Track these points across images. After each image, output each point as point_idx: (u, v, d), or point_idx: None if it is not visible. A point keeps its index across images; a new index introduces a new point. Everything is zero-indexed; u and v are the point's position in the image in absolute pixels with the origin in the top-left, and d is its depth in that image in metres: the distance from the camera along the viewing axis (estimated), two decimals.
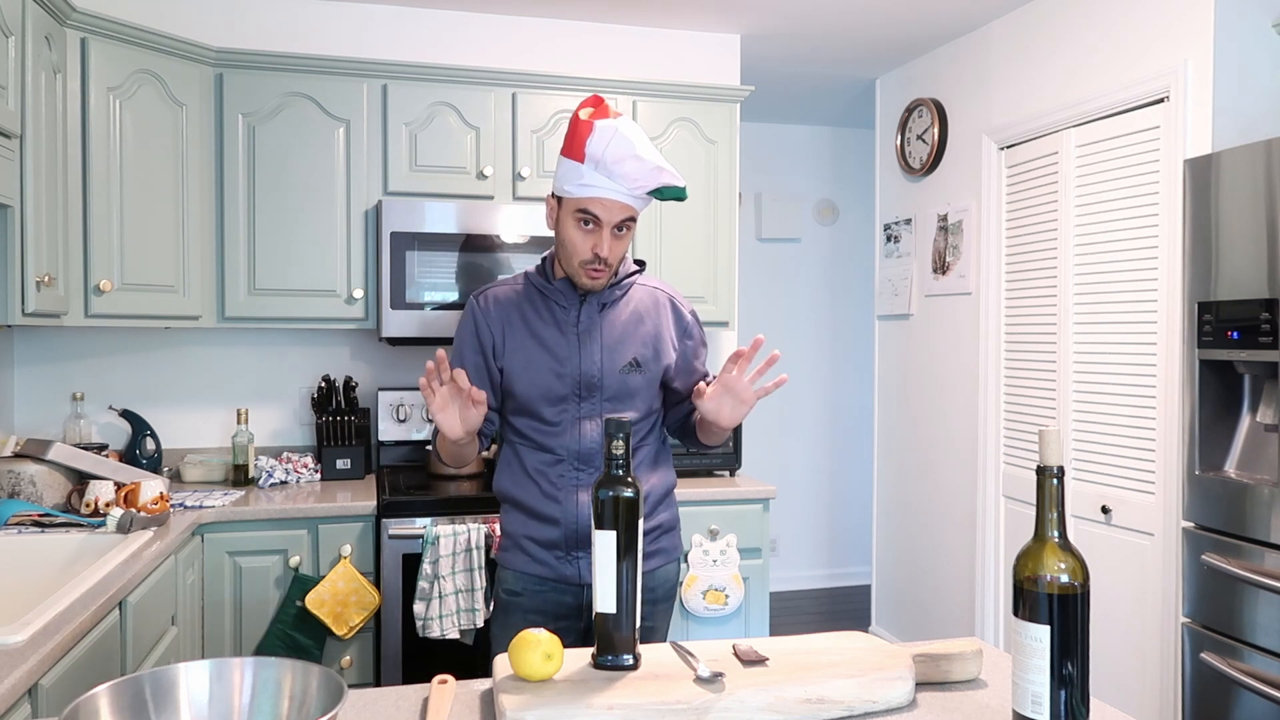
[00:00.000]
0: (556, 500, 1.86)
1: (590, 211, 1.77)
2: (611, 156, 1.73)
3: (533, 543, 1.88)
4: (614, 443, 1.36)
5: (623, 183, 1.75)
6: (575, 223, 1.79)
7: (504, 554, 1.94)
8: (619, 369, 1.87)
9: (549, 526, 1.87)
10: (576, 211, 1.79)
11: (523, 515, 1.90)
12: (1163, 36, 2.84)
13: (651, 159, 1.75)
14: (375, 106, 3.06)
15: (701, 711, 1.19)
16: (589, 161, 1.74)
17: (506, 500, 1.94)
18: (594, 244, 1.79)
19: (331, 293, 3.03)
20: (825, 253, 5.36)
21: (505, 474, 1.93)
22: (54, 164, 2.46)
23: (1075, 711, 1.10)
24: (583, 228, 1.79)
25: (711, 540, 2.98)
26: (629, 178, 1.75)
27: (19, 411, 3.09)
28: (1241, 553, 2.31)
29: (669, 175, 1.78)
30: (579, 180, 1.76)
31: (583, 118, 1.76)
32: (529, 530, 1.89)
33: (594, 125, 1.74)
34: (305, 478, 3.07)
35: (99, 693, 1.04)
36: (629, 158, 1.73)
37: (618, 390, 1.87)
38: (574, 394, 1.85)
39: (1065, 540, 1.12)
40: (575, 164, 1.76)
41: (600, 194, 1.76)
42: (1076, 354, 3.17)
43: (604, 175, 1.75)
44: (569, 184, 1.78)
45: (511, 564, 1.91)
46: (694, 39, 3.71)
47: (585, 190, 1.76)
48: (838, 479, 5.40)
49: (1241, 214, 2.34)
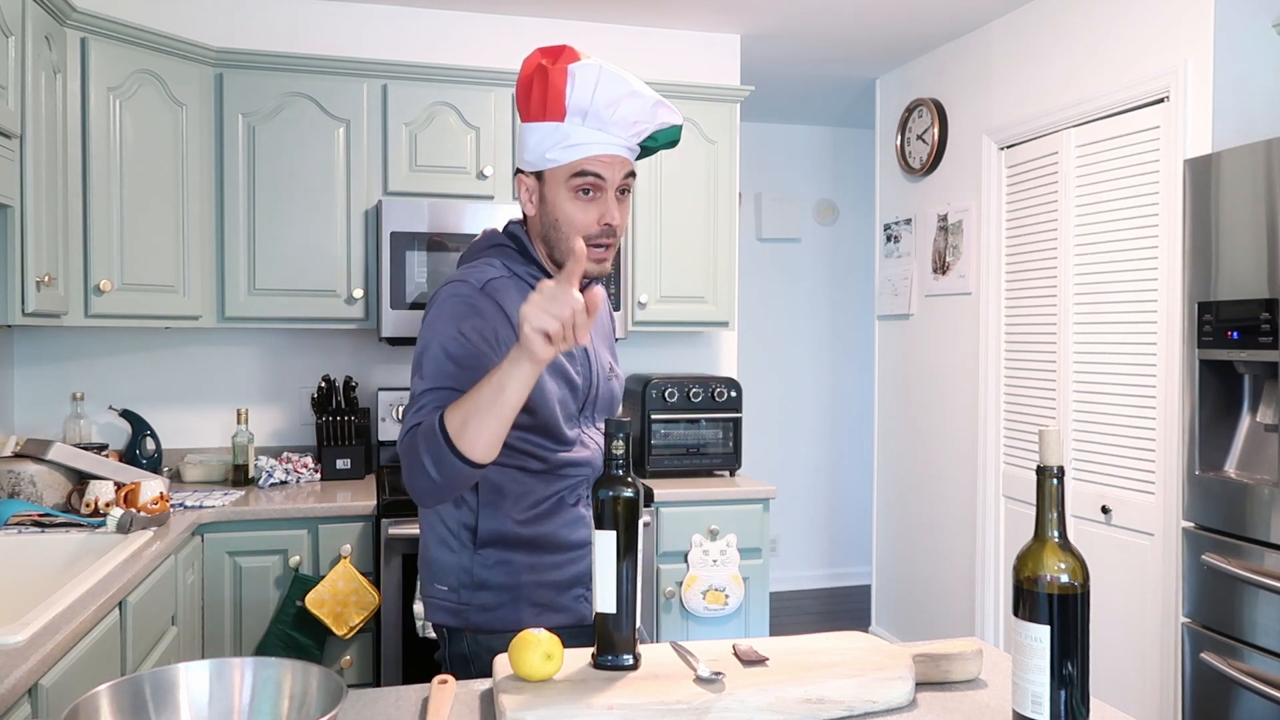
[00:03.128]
0: (584, 526, 1.56)
1: (590, 172, 1.45)
2: (604, 99, 1.43)
3: (547, 589, 1.53)
4: (614, 443, 1.36)
5: (619, 130, 1.45)
6: (571, 194, 1.46)
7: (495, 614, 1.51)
8: (605, 376, 1.62)
9: (574, 561, 1.55)
10: (571, 179, 1.46)
11: (528, 561, 1.52)
12: (1163, 37, 2.84)
13: (647, 93, 1.46)
14: (375, 106, 3.06)
15: (701, 711, 1.19)
16: (573, 116, 1.44)
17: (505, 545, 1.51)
18: (600, 213, 1.47)
19: (331, 293, 3.03)
20: (825, 253, 5.36)
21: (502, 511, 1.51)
22: (54, 164, 2.46)
23: (1075, 711, 1.10)
24: (582, 197, 1.46)
25: (711, 540, 2.98)
26: (627, 121, 1.45)
27: (19, 411, 3.09)
28: (1241, 553, 2.31)
29: (668, 110, 1.49)
30: (564, 143, 1.44)
31: (547, 66, 1.44)
32: (543, 575, 1.53)
33: (570, 71, 1.42)
34: (305, 478, 3.07)
35: (99, 693, 1.04)
36: (625, 96, 1.44)
37: (606, 401, 1.63)
38: (575, 405, 1.56)
39: (1065, 540, 1.12)
40: (553, 125, 1.45)
41: (597, 150, 1.45)
42: (1076, 354, 3.17)
43: (594, 128, 1.44)
44: (552, 150, 1.45)
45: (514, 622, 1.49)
46: (694, 39, 3.71)
47: (576, 151, 1.44)
48: (838, 479, 5.40)
49: (1241, 214, 2.34)
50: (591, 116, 1.44)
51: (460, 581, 1.52)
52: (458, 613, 1.52)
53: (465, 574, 1.51)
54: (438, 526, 1.55)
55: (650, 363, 3.67)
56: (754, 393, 5.17)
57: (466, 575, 1.51)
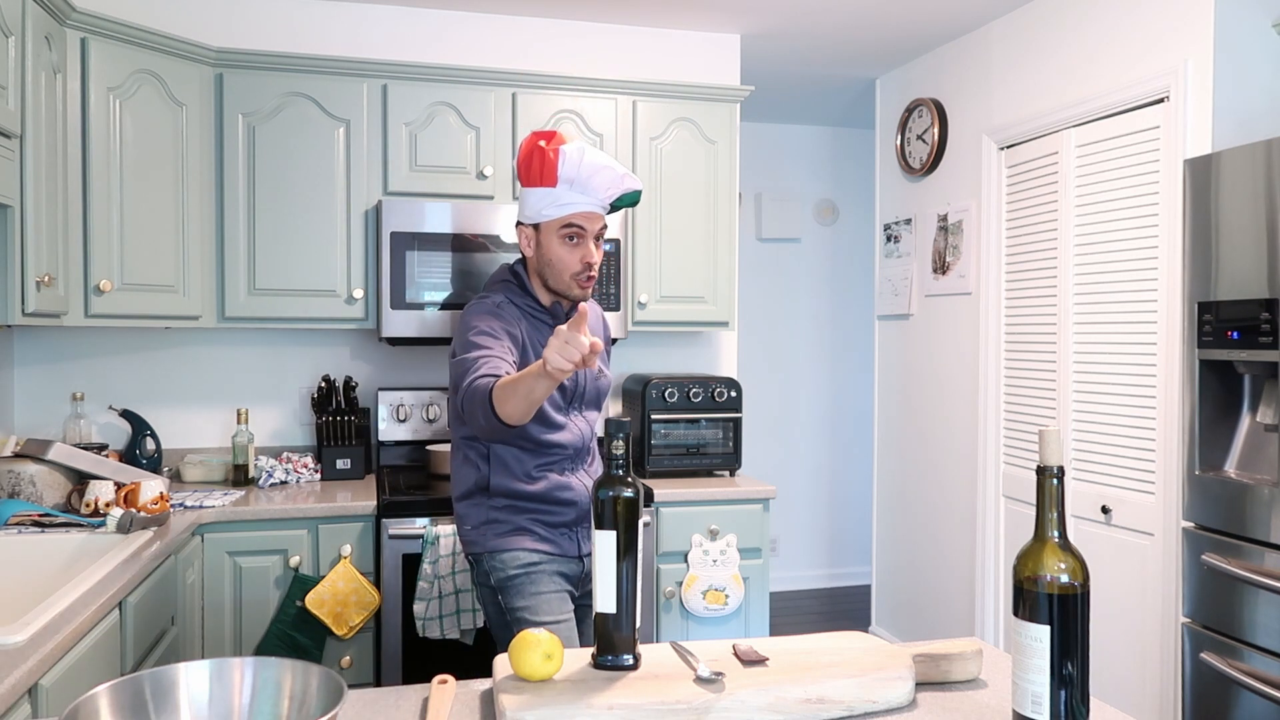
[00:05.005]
0: (570, 489, 2.03)
1: (575, 224, 1.96)
2: (586, 172, 1.93)
3: (542, 525, 2.02)
4: (614, 443, 1.37)
5: (596, 194, 1.96)
6: (561, 240, 1.97)
7: (502, 539, 2.00)
8: (594, 376, 2.11)
9: (563, 512, 2.03)
10: (561, 230, 1.97)
11: (531, 507, 2.02)
12: (1163, 36, 2.84)
13: (617, 167, 1.98)
14: (375, 106, 3.06)
15: (701, 711, 1.19)
16: (563, 184, 1.94)
17: (511, 496, 2.01)
18: (583, 255, 1.98)
19: (331, 293, 3.03)
20: (825, 253, 5.36)
21: (506, 474, 2.02)
22: (54, 164, 2.46)
23: (1075, 711, 1.10)
24: (569, 243, 1.97)
25: (711, 540, 2.98)
26: (602, 188, 1.96)
27: (19, 411, 3.09)
28: (1241, 553, 2.31)
29: (632, 179, 2.02)
30: (556, 203, 1.96)
31: (544, 148, 1.96)
32: (538, 517, 2.02)
33: (561, 151, 1.93)
34: (305, 478, 3.07)
35: (99, 693, 1.04)
36: (602, 168, 1.95)
37: (591, 396, 2.11)
38: (564, 399, 2.05)
39: (1065, 540, 1.13)
40: (547, 190, 1.96)
41: (580, 209, 1.96)
42: (1076, 354, 3.17)
43: (579, 192, 1.95)
44: (547, 209, 1.97)
45: (517, 544, 2.00)
46: (694, 39, 3.71)
47: (565, 209, 1.96)
48: (838, 479, 5.40)
49: (1241, 214, 2.34)
50: (577, 184, 1.94)
51: (480, 520, 2.03)
52: (478, 542, 2.03)
53: (482, 516, 2.03)
54: (465, 484, 2.06)
55: (650, 363, 3.67)
56: (754, 393, 5.17)
57: (483, 516, 2.03)
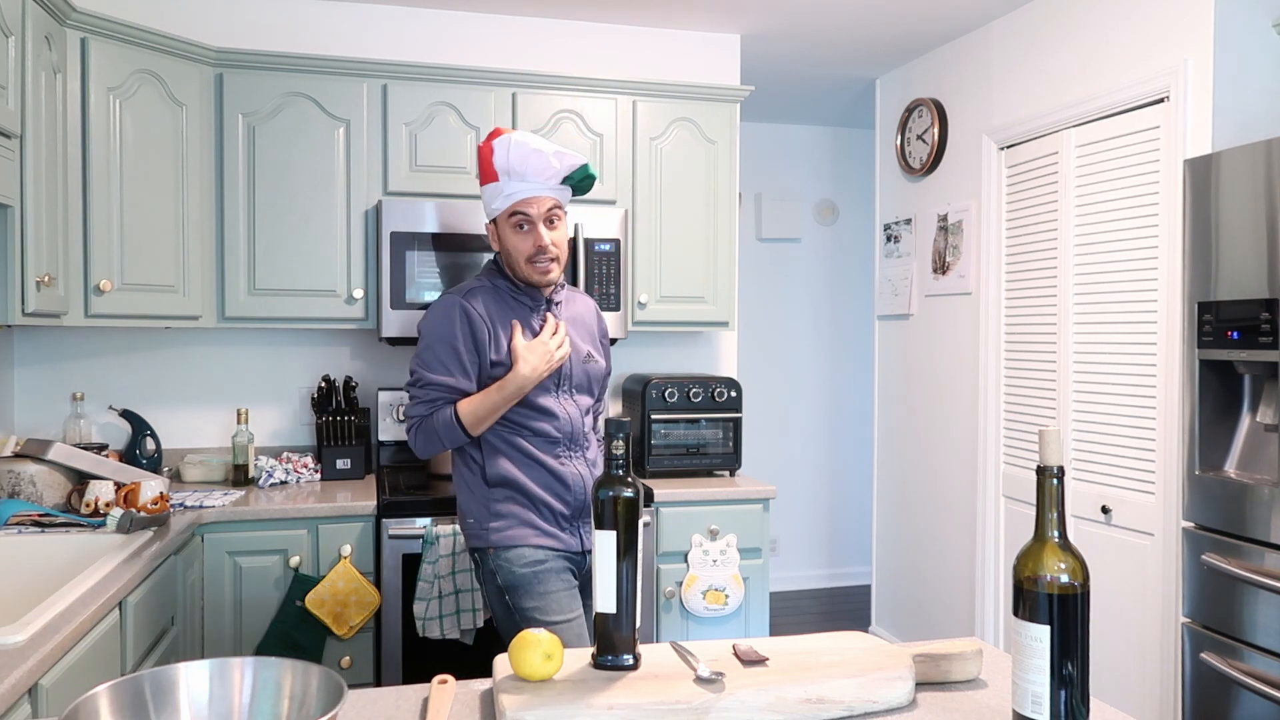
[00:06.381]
0: (563, 477, 2.06)
1: (520, 211, 2.03)
2: (516, 158, 2.00)
3: (541, 518, 2.05)
4: (614, 443, 1.36)
5: (536, 178, 2.01)
6: (513, 229, 2.04)
7: (505, 535, 2.03)
8: (582, 359, 2.14)
9: (558, 501, 2.06)
10: (509, 219, 2.04)
11: (527, 497, 2.05)
12: (1163, 37, 2.84)
13: (547, 148, 2.02)
14: (375, 106, 3.06)
15: (701, 711, 1.19)
16: (502, 176, 2.02)
17: (509, 485, 2.05)
18: (534, 239, 2.03)
19: (331, 293, 3.03)
20: (825, 253, 5.36)
21: (502, 461, 2.05)
22: (54, 164, 2.46)
23: (1075, 711, 1.10)
24: (519, 231, 2.03)
25: (711, 540, 2.98)
26: (536, 171, 2.01)
27: (19, 411, 3.09)
28: (1241, 553, 2.31)
29: (570, 156, 2.05)
30: (501, 194, 2.03)
31: (481, 146, 2.05)
32: (536, 509, 2.05)
33: (491, 145, 2.02)
34: (305, 478, 3.07)
35: (99, 693, 1.04)
36: (530, 154, 2.00)
37: (581, 379, 2.14)
38: (552, 381, 2.08)
39: (1065, 540, 1.13)
40: (493, 185, 2.04)
41: (522, 194, 2.02)
42: (1076, 354, 3.17)
43: (518, 180, 2.01)
44: (495, 201, 2.05)
45: (521, 540, 2.03)
46: (694, 39, 3.71)
47: (509, 200, 2.03)
48: (838, 479, 5.40)
49: (1241, 214, 2.34)
50: (514, 173, 2.02)
51: (481, 514, 2.07)
52: (481, 536, 2.06)
53: (483, 509, 2.06)
54: (464, 478, 2.10)
55: (650, 363, 3.67)
56: (754, 393, 5.17)
57: (484, 510, 2.06)
